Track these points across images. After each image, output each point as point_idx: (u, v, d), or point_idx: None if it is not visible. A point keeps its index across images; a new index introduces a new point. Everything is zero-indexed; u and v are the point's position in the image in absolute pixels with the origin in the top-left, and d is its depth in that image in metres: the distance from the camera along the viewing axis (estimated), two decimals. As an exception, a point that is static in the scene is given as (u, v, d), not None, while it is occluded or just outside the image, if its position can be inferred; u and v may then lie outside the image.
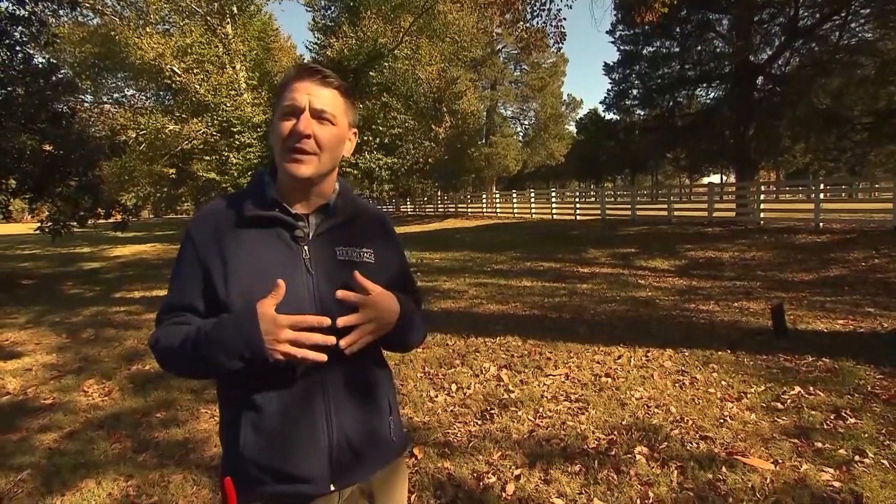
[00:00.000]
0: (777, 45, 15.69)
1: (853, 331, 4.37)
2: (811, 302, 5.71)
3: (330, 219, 1.04)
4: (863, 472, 2.33)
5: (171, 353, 0.96)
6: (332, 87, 0.96)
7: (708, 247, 9.99)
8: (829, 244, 8.76)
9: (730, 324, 4.89)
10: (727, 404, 3.09)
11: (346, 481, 1.03)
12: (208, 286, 0.96)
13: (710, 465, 2.44)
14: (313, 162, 0.95)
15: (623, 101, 19.97)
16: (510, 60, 39.81)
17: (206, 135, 17.96)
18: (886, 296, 5.90)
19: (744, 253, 9.20)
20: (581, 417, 3.08)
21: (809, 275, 7.46)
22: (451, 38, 20.31)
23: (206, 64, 17.70)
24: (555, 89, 41.57)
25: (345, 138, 1.02)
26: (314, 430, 0.99)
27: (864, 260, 7.68)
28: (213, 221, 0.99)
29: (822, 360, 3.61)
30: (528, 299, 6.78)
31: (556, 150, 42.78)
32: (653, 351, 4.14)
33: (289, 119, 0.94)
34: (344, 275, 1.03)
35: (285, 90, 0.96)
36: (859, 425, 2.74)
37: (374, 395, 1.09)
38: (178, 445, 3.02)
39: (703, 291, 6.85)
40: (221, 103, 17.80)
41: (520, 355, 4.33)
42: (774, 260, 8.53)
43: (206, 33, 17.87)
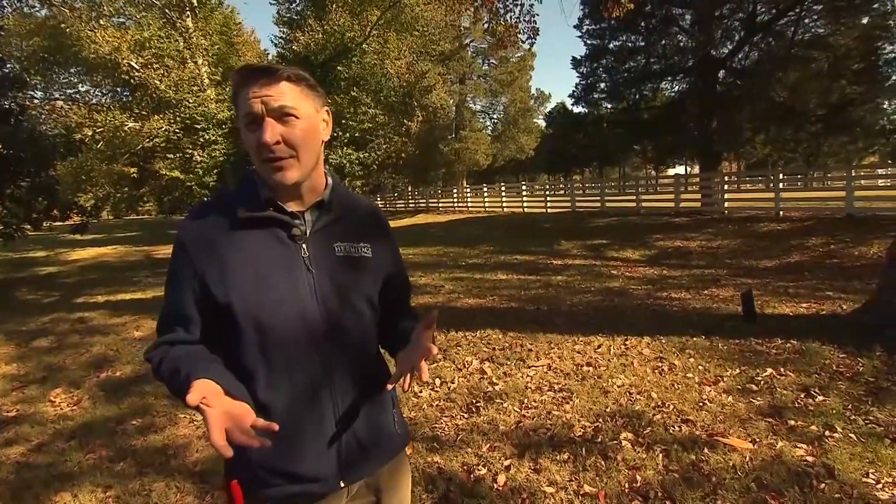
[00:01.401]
0: (737, 40, 16.28)
1: (816, 313, 4.59)
2: (775, 287, 5.95)
3: (325, 215, 1.02)
4: (833, 446, 2.45)
5: (166, 383, 0.93)
6: (281, 80, 0.91)
7: (676, 236, 10.29)
8: (788, 232, 9.15)
9: (702, 310, 5.06)
10: (705, 388, 3.20)
11: (355, 477, 1.03)
12: (205, 293, 0.93)
13: (693, 446, 2.52)
14: (294, 165, 0.93)
15: (591, 94, 20.31)
16: (478, 55, 39.85)
17: (169, 132, 17.36)
18: (843, 280, 6.21)
19: (710, 242, 9.52)
20: (566, 406, 3.13)
21: (772, 261, 7.79)
22: (419, 32, 20.20)
23: (166, 59, 17.08)
24: (523, 83, 41.84)
25: (317, 125, 0.98)
26: (322, 428, 0.98)
27: (821, 246, 8.05)
28: (205, 226, 0.96)
29: (790, 342, 3.77)
30: (504, 292, 6.84)
31: (526, 144, 43.17)
32: (631, 339, 4.24)
33: (252, 129, 0.91)
34: (344, 271, 1.02)
35: (238, 99, 0.93)
36: (827, 402, 2.88)
37: (378, 390, 1.09)
38: (157, 452, 2.93)
39: (674, 280, 7.05)
40: (184, 100, 17.23)
41: (501, 348, 4.37)
42: (739, 248, 8.86)
43: (164, 27, 17.23)
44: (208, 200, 1.02)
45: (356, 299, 1.03)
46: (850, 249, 7.61)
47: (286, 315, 0.94)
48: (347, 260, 1.03)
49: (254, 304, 0.92)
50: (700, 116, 16.76)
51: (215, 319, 0.95)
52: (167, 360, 0.92)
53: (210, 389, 0.81)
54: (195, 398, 0.77)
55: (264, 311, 0.93)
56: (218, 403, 0.80)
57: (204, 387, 0.81)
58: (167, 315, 0.98)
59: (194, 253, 0.93)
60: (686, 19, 17.39)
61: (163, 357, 0.94)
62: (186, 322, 0.96)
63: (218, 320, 0.94)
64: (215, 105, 18.37)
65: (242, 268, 0.93)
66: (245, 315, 0.92)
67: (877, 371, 3.20)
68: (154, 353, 0.96)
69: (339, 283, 1.01)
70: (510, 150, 43.43)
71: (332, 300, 0.99)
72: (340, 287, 1.00)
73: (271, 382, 0.95)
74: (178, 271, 0.96)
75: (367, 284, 1.05)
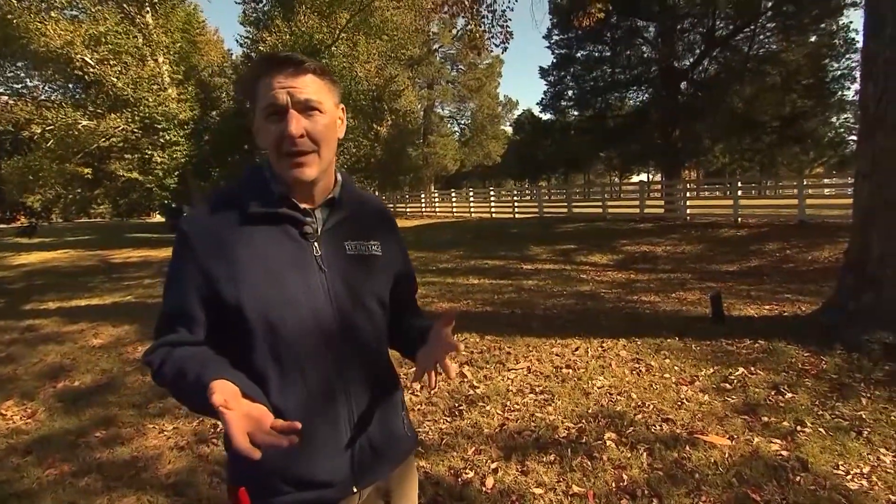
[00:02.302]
0: (698, 53, 17.08)
1: (779, 315, 4.80)
2: (738, 290, 6.19)
3: (336, 212, 0.99)
4: (805, 440, 2.56)
5: (169, 386, 0.88)
6: (308, 72, 0.89)
7: (642, 241, 10.58)
8: (747, 237, 9.56)
9: (672, 313, 5.21)
10: (682, 388, 3.28)
11: (368, 481, 1.00)
12: (212, 292, 0.88)
13: (675, 444, 2.57)
14: (315, 161, 0.90)
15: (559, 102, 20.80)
16: (447, 60, 40.09)
17: (127, 132, 16.64)
18: (799, 283, 6.52)
19: (675, 247, 9.84)
20: (548, 408, 3.15)
21: (733, 266, 8.11)
22: (388, 36, 20.12)
23: (124, 55, 16.39)
24: (491, 90, 42.35)
25: (336, 121, 0.96)
26: (336, 431, 0.95)
27: (777, 251, 8.45)
28: (212, 221, 0.91)
29: (758, 342, 3.92)
30: (477, 296, 6.85)
31: (493, 150, 43.63)
32: (607, 341, 4.31)
33: (274, 121, 0.87)
34: (355, 270, 0.99)
35: (259, 87, 0.88)
36: (797, 399, 3.00)
37: (391, 391, 1.08)
38: (125, 465, 2.77)
39: (643, 284, 7.24)
40: (143, 98, 16.57)
41: (479, 351, 4.37)
42: (703, 253, 9.19)
43: (122, 22, 16.53)
44: (213, 196, 0.96)
45: (368, 299, 1.00)
46: (804, 254, 8.01)
47: (299, 315, 0.90)
48: (358, 259, 1.00)
49: (266, 303, 0.88)
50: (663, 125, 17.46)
51: (221, 320, 0.90)
52: (171, 363, 0.87)
53: (229, 391, 0.76)
54: (220, 399, 0.72)
55: (277, 310, 0.88)
56: (237, 406, 0.75)
57: (224, 388, 0.76)
58: (168, 315, 0.92)
59: (200, 249, 0.88)
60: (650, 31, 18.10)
61: (164, 359, 0.88)
62: (190, 322, 0.90)
63: (224, 321, 0.89)
64: (177, 105, 17.76)
65: (254, 266, 0.88)
66: (256, 315, 0.87)
67: (839, 368, 3.36)
68: (154, 356, 0.90)
69: (351, 282, 0.98)
70: (478, 155, 43.79)
71: (344, 300, 0.96)
72: (352, 286, 0.97)
73: (284, 385, 0.91)
74: (181, 268, 0.90)
75: (378, 284, 1.03)
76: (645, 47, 18.21)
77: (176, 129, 17.68)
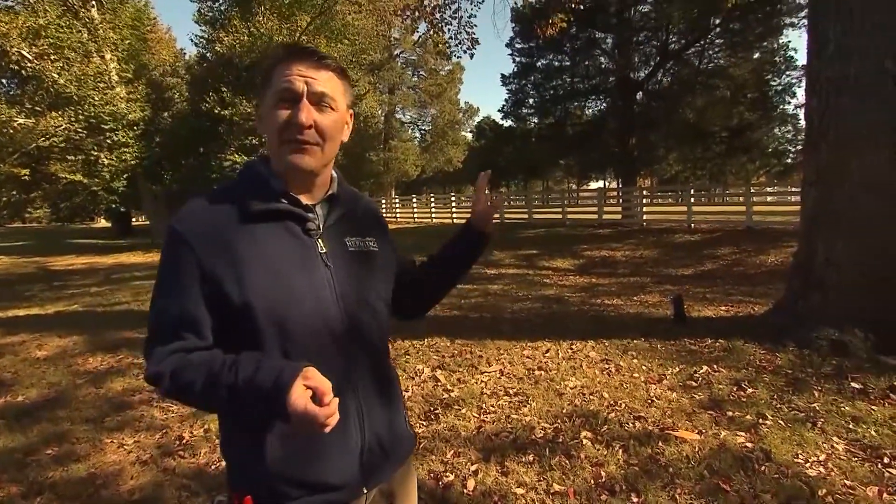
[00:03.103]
0: (652, 65, 17.94)
1: (735, 315, 5.05)
2: (695, 293, 6.47)
3: (337, 209, 0.98)
4: (767, 432, 2.69)
5: (190, 393, 0.82)
6: (329, 69, 0.89)
7: (602, 247, 10.91)
8: (700, 243, 10.03)
9: (636, 315, 5.38)
10: (651, 386, 3.39)
11: (376, 481, 0.98)
12: (217, 294, 0.84)
13: (648, 441, 2.65)
14: (316, 153, 0.88)
15: (520, 109, 21.26)
16: (408, 66, 40.12)
17: (70, 131, 15.72)
18: (749, 285, 6.90)
19: (633, 251, 10.20)
20: (524, 410, 3.18)
21: (689, 269, 8.48)
22: (349, 41, 19.96)
23: (67, 50, 15.52)
24: (452, 96, 42.61)
25: (344, 123, 0.95)
26: (347, 432, 0.92)
27: (728, 256, 8.90)
28: (209, 220, 0.87)
29: (719, 341, 4.11)
30: (445, 301, 6.68)
31: (454, 156, 43.90)
32: (576, 343, 4.41)
33: (284, 107, 0.85)
34: (358, 267, 0.99)
35: (276, 73, 0.87)
36: (757, 394, 3.16)
37: (394, 390, 1.07)
38: (83, 483, 2.59)
39: (605, 287, 7.46)
40: (88, 96, 15.73)
41: (451, 355, 4.37)
42: (660, 257, 9.57)
43: (64, 15, 15.65)
44: (206, 194, 0.92)
45: (372, 296, 1.00)
46: (753, 258, 8.48)
47: (308, 314, 0.88)
48: (359, 255, 1.00)
49: (274, 302, 0.85)
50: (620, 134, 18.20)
51: (225, 321, 0.86)
52: (190, 370, 0.81)
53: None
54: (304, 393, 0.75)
55: (285, 309, 0.85)
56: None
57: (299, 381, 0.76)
58: (168, 321, 0.85)
59: (200, 249, 0.84)
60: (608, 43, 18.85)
61: (181, 366, 0.82)
62: (197, 326, 0.85)
63: (228, 322, 0.86)
64: (126, 104, 16.96)
65: (258, 264, 0.85)
66: (265, 315, 0.84)
67: (793, 364, 3.57)
68: (163, 365, 0.83)
69: (356, 279, 0.97)
70: (438, 161, 43.94)
71: (350, 297, 0.94)
72: (357, 283, 0.96)
73: None
74: (179, 270, 0.85)
75: (379, 280, 1.03)
76: (603, 58, 19.01)
77: (125, 130, 16.88)
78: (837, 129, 3.82)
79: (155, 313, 0.87)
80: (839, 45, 3.78)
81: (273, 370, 0.77)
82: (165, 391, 0.83)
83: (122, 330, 5.75)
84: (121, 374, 4.27)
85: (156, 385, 0.84)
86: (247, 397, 0.78)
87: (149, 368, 0.84)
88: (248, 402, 0.78)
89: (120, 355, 4.77)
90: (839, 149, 3.81)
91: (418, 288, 1.17)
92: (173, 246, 0.85)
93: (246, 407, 0.79)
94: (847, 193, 3.77)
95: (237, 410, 0.81)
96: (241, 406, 0.79)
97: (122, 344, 5.13)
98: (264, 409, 0.77)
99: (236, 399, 0.79)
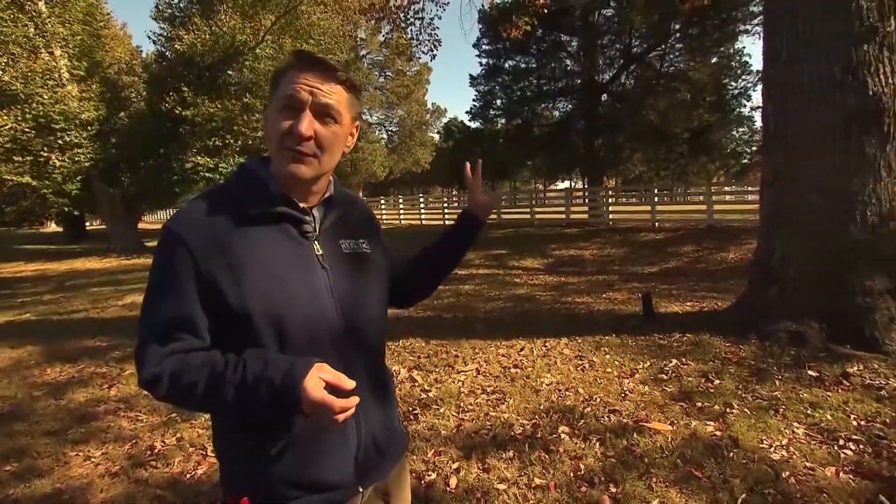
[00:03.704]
0: (616, 68, 18.47)
1: (700, 311, 5.25)
2: (661, 290, 6.69)
3: (332, 212, 0.99)
4: (734, 420, 2.82)
5: (190, 395, 0.81)
6: (338, 82, 0.90)
7: (570, 246, 11.13)
8: (665, 241, 10.37)
9: (606, 312, 5.53)
10: (624, 381, 3.50)
11: (372, 480, 1.00)
12: (215, 296, 0.83)
13: (623, 433, 2.74)
14: (313, 164, 0.89)
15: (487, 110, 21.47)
16: (375, 66, 39.85)
17: (17, 131, 14.89)
18: (711, 281, 7.18)
19: (601, 250, 10.45)
20: (502, 407, 3.23)
21: (654, 267, 8.76)
22: (314, 41, 19.67)
23: (12, 45, 14.71)
24: (419, 97, 42.57)
25: (347, 135, 0.96)
26: (344, 433, 0.94)
27: (692, 253, 9.24)
28: (207, 222, 0.86)
29: (686, 335, 4.27)
30: (419, 302, 6.85)
31: (422, 157, 43.87)
32: (550, 341, 4.49)
33: (287, 114, 0.86)
34: (353, 269, 1.00)
35: (284, 80, 0.88)
36: (723, 385, 3.30)
37: (389, 390, 1.09)
38: (47, 499, 2.48)
39: (574, 286, 7.62)
40: (36, 94, 14.93)
41: (426, 355, 4.38)
42: (626, 256, 9.84)
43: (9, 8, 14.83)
44: (202, 197, 0.91)
45: (368, 296, 1.02)
46: (714, 255, 8.83)
47: (305, 315, 0.89)
48: (353, 257, 1.01)
49: (272, 305, 0.85)
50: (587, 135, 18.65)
51: (221, 323, 0.85)
52: (191, 370, 0.81)
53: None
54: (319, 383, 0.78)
55: (284, 312, 0.86)
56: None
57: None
58: (165, 322, 0.84)
59: (198, 251, 0.83)
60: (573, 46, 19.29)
61: (180, 368, 0.81)
62: (194, 328, 0.85)
63: (225, 324, 0.85)
64: (78, 103, 16.20)
65: (257, 267, 0.85)
66: (263, 318, 0.84)
67: (755, 356, 3.74)
68: (161, 367, 0.82)
69: (351, 280, 0.98)
70: (406, 162, 43.80)
71: (347, 298, 0.96)
72: (353, 285, 0.98)
73: None
74: (175, 270, 0.84)
75: (374, 281, 1.04)
76: (569, 60, 19.46)
77: (78, 130, 16.10)
78: (792, 133, 4.03)
79: (149, 314, 0.86)
80: (791, 54, 3.99)
81: (285, 363, 0.79)
82: (164, 394, 0.82)
83: (82, 339, 5.52)
84: (83, 384, 4.10)
85: (152, 388, 0.82)
86: (257, 393, 0.78)
87: (145, 371, 0.82)
88: (257, 397, 0.78)
89: (81, 365, 4.57)
90: (793, 152, 4.02)
91: (410, 279, 1.22)
92: (169, 246, 0.85)
93: (255, 403, 0.79)
94: (800, 194, 3.97)
95: (244, 408, 0.81)
96: (250, 403, 0.79)
97: (82, 353, 4.92)
98: (276, 402, 0.78)
99: (244, 396, 0.78)
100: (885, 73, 3.67)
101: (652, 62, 17.60)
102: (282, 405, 0.78)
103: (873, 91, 3.66)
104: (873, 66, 3.67)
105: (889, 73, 3.68)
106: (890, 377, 3.23)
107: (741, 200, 14.66)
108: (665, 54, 16.96)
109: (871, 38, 3.65)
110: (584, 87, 18.15)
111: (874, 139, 3.69)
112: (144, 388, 0.83)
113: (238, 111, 16.75)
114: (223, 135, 16.88)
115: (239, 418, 0.85)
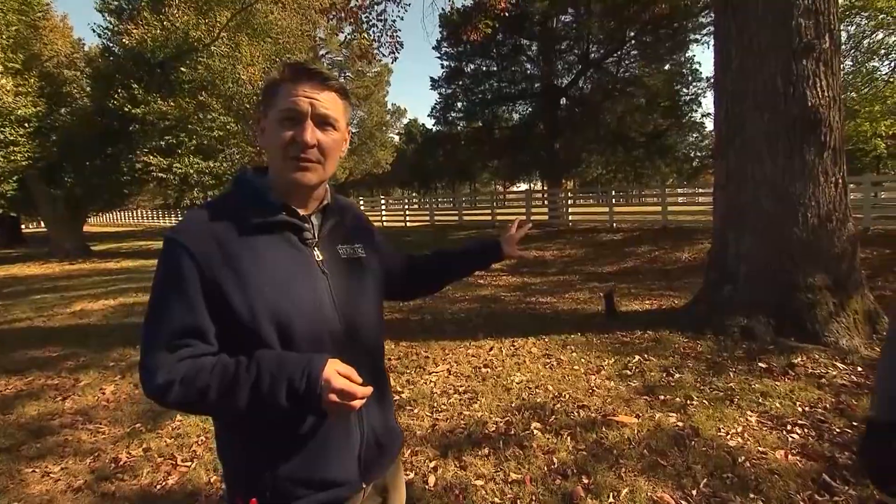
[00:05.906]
0: (574, 73, 19.02)
1: (658, 308, 5.49)
2: (620, 289, 6.94)
3: (330, 218, 1.03)
4: (694, 412, 2.99)
5: (203, 398, 0.82)
6: (332, 90, 0.94)
7: (532, 247, 11.35)
8: (622, 241, 10.74)
9: (570, 311, 5.69)
10: (591, 377, 3.63)
11: (373, 476, 1.04)
12: (221, 303, 0.85)
13: (593, 427, 2.85)
14: (318, 170, 0.94)
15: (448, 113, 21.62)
16: (334, 67, 39.28)
17: (-55, 128, 13.86)
18: (667, 280, 7.51)
19: (561, 251, 10.71)
20: (474, 406, 3.29)
21: (614, 267, 9.06)
22: (272, 39, 19.22)
23: (-63, 35, 13.69)
24: (380, 98, 42.31)
25: (343, 141, 1.01)
26: (348, 430, 0.97)
27: (648, 253, 9.62)
28: (209, 232, 0.88)
29: (647, 332, 4.47)
30: (385, 304, 6.84)
31: (382, 159, 43.62)
32: (518, 340, 4.60)
33: (288, 125, 0.90)
34: (351, 273, 1.04)
35: (281, 92, 0.91)
36: (683, 378, 3.48)
37: (387, 388, 1.13)
38: (5, 520, 2.35)
39: (537, 286, 7.79)
40: (-34, 89, 13.95)
41: (397, 357, 4.39)
42: (586, 256, 10.13)
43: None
44: (202, 207, 0.93)
45: (366, 299, 1.05)
46: (669, 255, 9.23)
47: (310, 321, 0.92)
48: (351, 262, 1.05)
49: (277, 311, 0.88)
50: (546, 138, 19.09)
51: (227, 330, 0.87)
52: (203, 374, 0.82)
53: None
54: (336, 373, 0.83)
55: (288, 318, 0.89)
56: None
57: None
58: (173, 330, 0.85)
59: (203, 260, 0.85)
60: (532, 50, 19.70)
61: (190, 373, 0.82)
62: (203, 334, 0.86)
63: (229, 331, 0.87)
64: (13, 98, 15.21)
65: (261, 274, 0.88)
66: (270, 324, 0.87)
67: (711, 350, 3.96)
68: (172, 373, 0.82)
69: (351, 284, 1.02)
70: (367, 163, 43.44)
71: (347, 302, 0.99)
72: (352, 289, 1.02)
73: None
74: (181, 279, 0.85)
75: (370, 284, 1.08)
76: (528, 64, 19.91)
77: (13, 127, 15.13)
78: (741, 137, 4.29)
79: (156, 323, 0.86)
80: (740, 63, 4.25)
81: (301, 358, 0.83)
82: (175, 399, 0.82)
83: (28, 349, 5.21)
84: (33, 397, 3.87)
85: (163, 394, 0.82)
86: (274, 390, 0.80)
87: (156, 379, 0.82)
88: (274, 394, 0.80)
89: (30, 377, 4.32)
90: (743, 155, 4.28)
91: (419, 277, 1.31)
92: (174, 256, 0.86)
93: (272, 401, 0.81)
94: (751, 195, 4.24)
95: (260, 407, 0.82)
96: (267, 401, 0.81)
97: (30, 364, 4.65)
98: (295, 397, 0.81)
99: (260, 394, 0.81)
100: (821, 87, 3.98)
101: (609, 67, 18.29)
102: (302, 399, 0.81)
103: (812, 103, 3.96)
104: (811, 79, 3.96)
105: (825, 86, 3.98)
106: (829, 367, 3.50)
107: (693, 202, 15.37)
108: (621, 59, 17.66)
109: (809, 54, 3.95)
110: (543, 91, 18.63)
111: (813, 147, 3.99)
112: (153, 396, 0.83)
113: (192, 109, 16.16)
114: (177, 134, 16.24)
115: (251, 418, 0.86)
